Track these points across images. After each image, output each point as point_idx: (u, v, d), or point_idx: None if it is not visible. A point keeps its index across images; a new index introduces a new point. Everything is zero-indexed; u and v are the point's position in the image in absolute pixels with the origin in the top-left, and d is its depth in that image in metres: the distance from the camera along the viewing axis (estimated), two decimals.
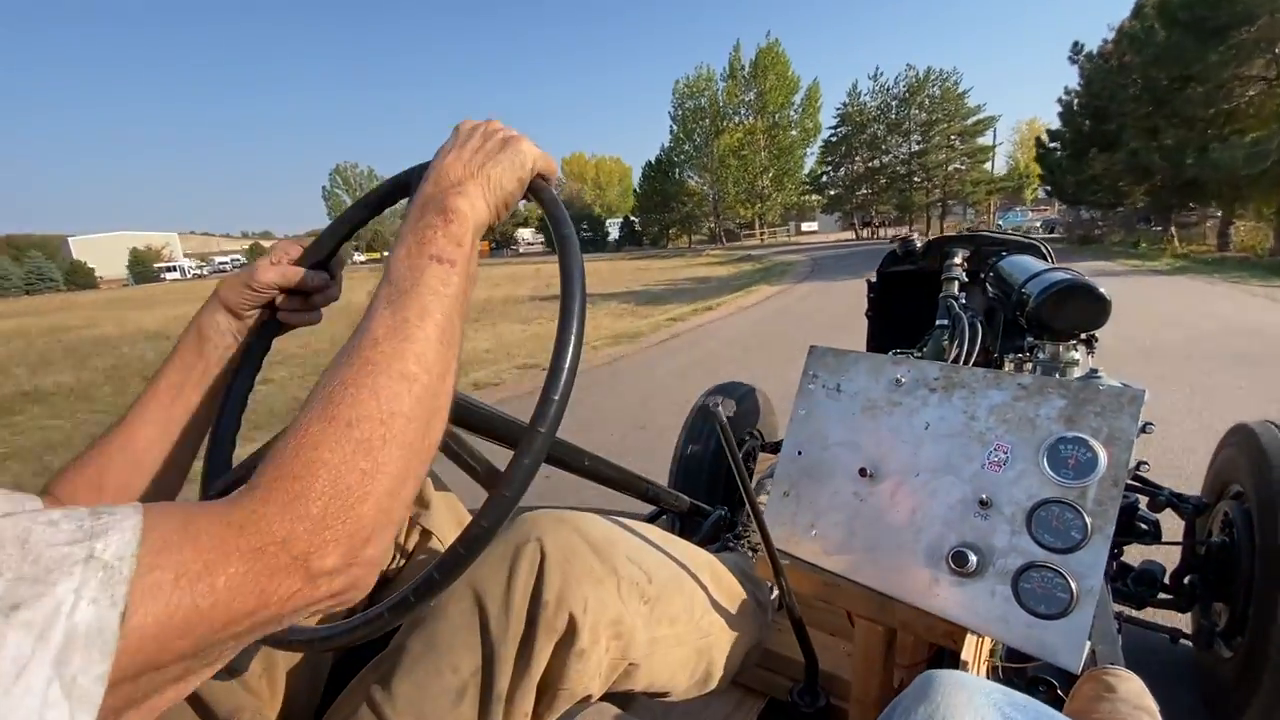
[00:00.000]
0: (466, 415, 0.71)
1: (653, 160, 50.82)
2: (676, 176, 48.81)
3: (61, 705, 0.24)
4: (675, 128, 47.31)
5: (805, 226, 56.27)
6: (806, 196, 47.59)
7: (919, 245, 1.60)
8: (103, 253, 73.52)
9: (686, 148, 47.45)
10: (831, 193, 44.73)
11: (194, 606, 0.28)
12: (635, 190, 52.67)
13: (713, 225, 49.40)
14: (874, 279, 1.75)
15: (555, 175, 0.55)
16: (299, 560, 0.32)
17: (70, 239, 77.92)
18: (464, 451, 0.69)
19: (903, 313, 1.72)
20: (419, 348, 0.41)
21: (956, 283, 1.44)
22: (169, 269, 71.84)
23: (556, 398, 0.45)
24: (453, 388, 0.43)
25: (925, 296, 1.57)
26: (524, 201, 0.55)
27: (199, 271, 72.18)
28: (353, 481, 0.34)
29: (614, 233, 61.75)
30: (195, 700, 0.56)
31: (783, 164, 45.77)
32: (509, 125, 0.52)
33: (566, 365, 0.46)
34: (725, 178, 45.50)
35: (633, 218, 55.23)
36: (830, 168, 44.25)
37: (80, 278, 59.99)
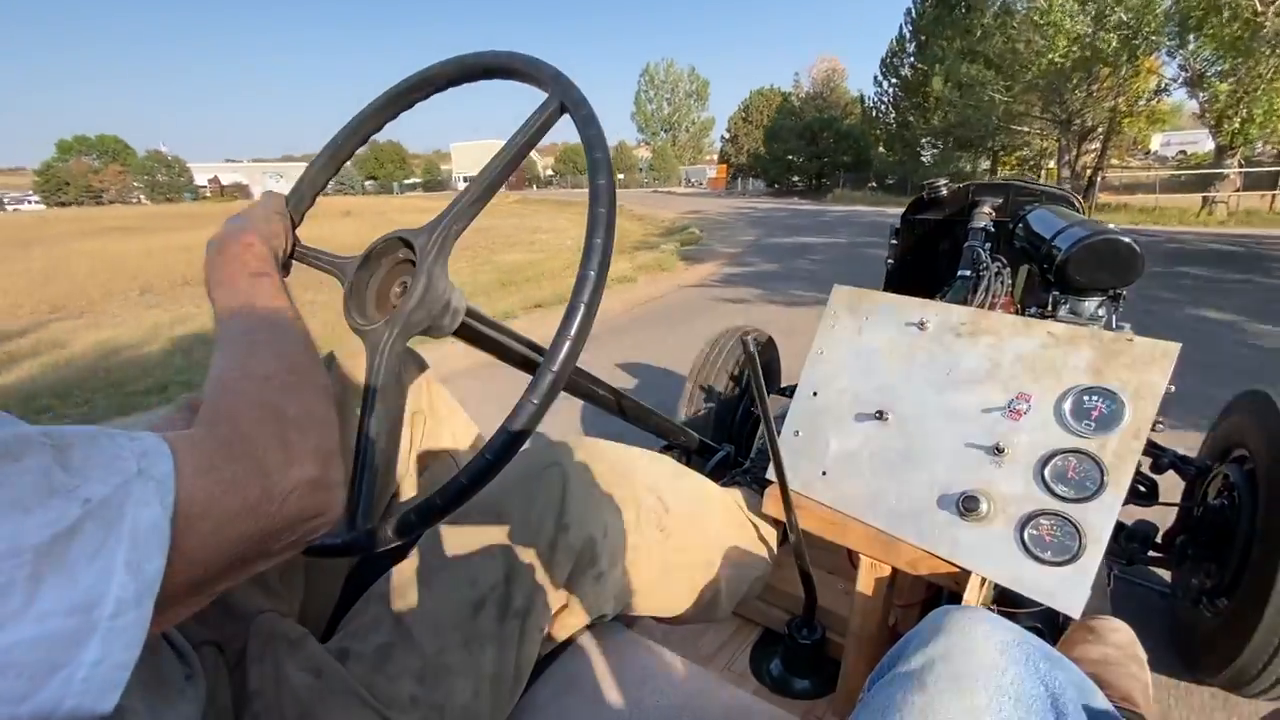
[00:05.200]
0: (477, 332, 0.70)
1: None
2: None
3: (129, 585, 0.28)
4: None
5: None
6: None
7: (946, 192, 1.55)
8: (471, 158, 72.35)
9: None
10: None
11: (225, 510, 0.34)
12: (865, 102, 26.88)
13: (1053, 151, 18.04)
14: (898, 224, 1.71)
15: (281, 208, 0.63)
16: (280, 469, 0.37)
17: (454, 145, 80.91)
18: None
19: (923, 261, 1.68)
20: (284, 328, 0.48)
21: (983, 232, 1.39)
22: (470, 178, 68.98)
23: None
24: (316, 353, 0.50)
25: (949, 246, 1.53)
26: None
27: None
28: (293, 415, 0.40)
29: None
30: (217, 601, 0.57)
31: None
32: None
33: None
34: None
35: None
36: None
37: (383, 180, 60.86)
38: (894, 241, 1.71)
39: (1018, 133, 18.26)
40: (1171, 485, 1.36)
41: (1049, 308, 1.15)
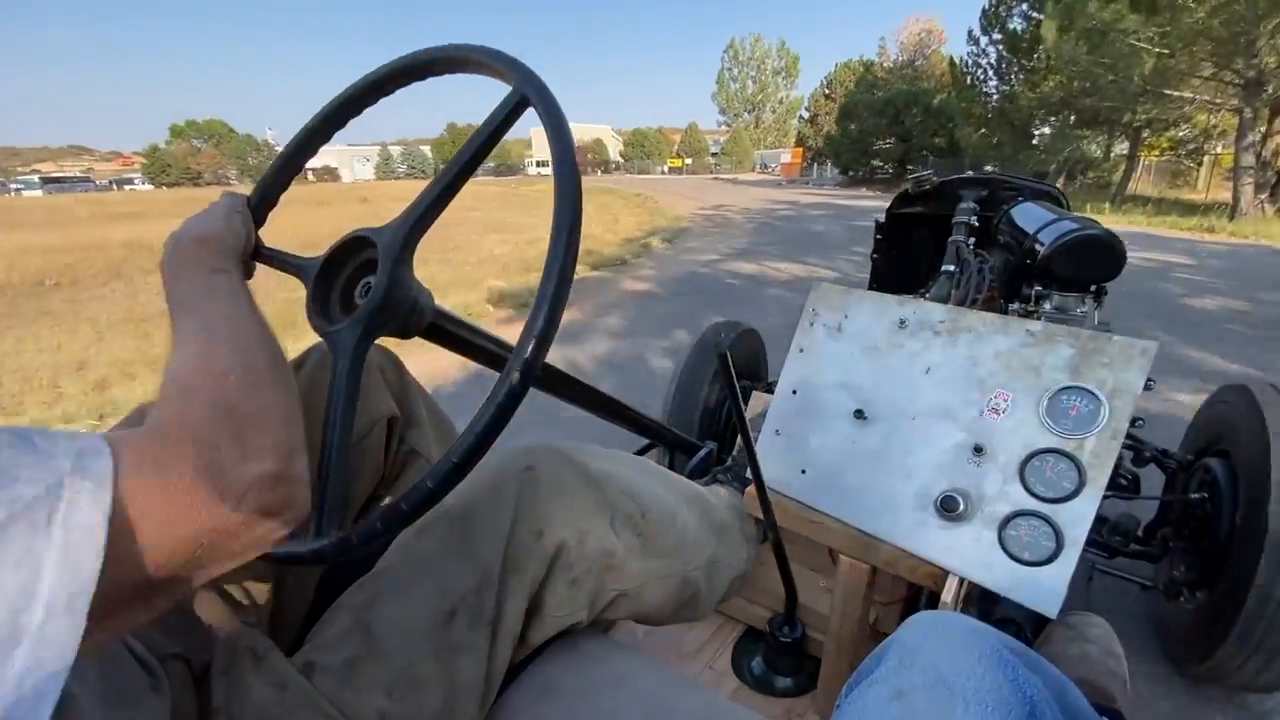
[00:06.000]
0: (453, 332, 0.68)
1: None
2: None
3: (60, 590, 0.27)
4: None
5: None
6: None
7: (930, 186, 1.54)
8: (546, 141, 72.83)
9: None
10: None
11: (174, 509, 0.33)
12: (959, 66, 18.97)
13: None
14: (881, 219, 1.70)
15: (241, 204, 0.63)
16: (235, 465, 0.36)
17: (533, 130, 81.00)
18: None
19: (908, 256, 1.67)
20: (244, 323, 0.47)
21: (966, 227, 1.39)
22: (542, 163, 65.81)
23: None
24: (280, 350, 0.48)
25: (933, 240, 1.53)
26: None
27: (545, 169, 64.36)
28: (250, 412, 0.39)
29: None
30: (183, 613, 0.56)
31: None
32: None
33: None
34: None
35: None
36: None
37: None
38: (879, 237, 1.70)
39: (1173, 102, 11.34)
40: (1153, 479, 1.37)
41: (1032, 303, 1.15)
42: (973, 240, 1.37)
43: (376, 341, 0.60)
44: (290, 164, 0.65)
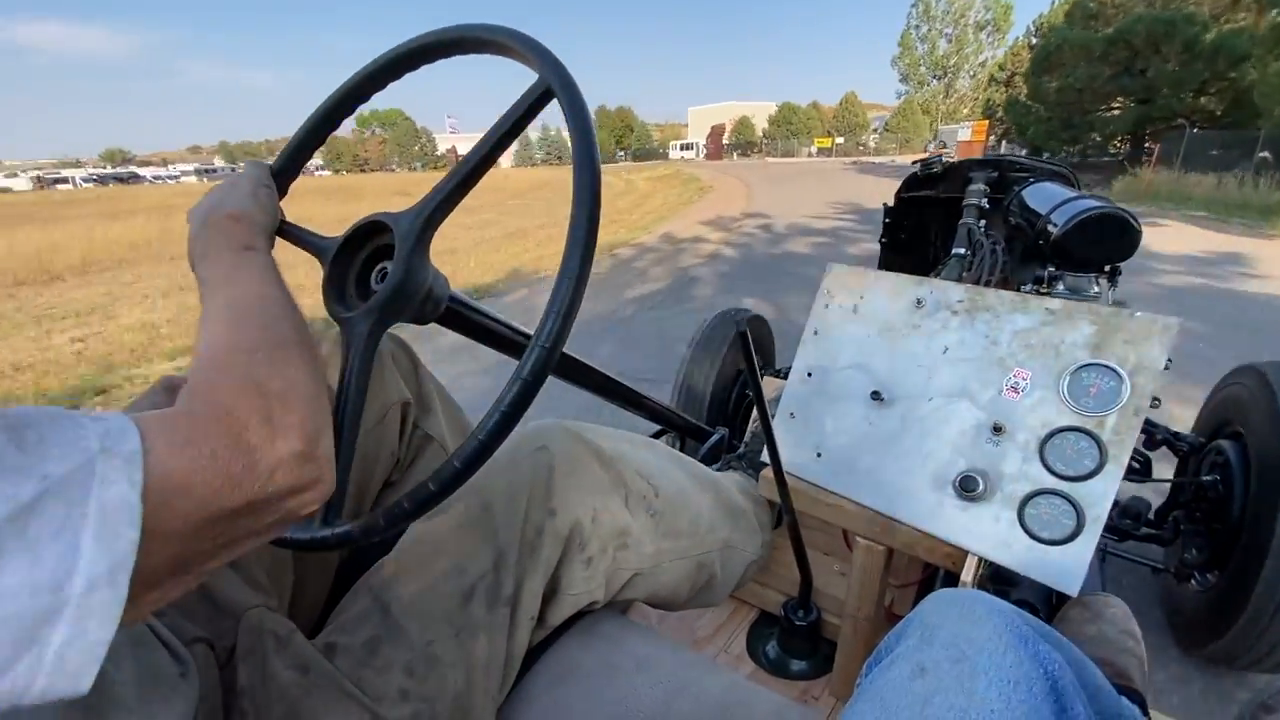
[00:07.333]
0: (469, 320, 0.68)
1: None
2: None
3: (100, 561, 0.27)
4: None
5: None
6: None
7: (942, 168, 1.52)
8: (704, 123, 68.82)
9: None
10: None
11: (207, 485, 0.33)
12: None
13: None
14: (891, 203, 1.68)
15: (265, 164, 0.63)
16: (264, 443, 0.36)
17: (690, 109, 78.48)
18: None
19: (917, 240, 1.66)
20: (273, 302, 0.47)
21: (977, 209, 1.38)
22: (687, 146, 60.91)
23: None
24: (306, 327, 0.49)
25: (942, 224, 1.51)
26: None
27: (690, 153, 57.21)
28: (278, 389, 0.39)
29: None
30: (206, 598, 0.56)
31: None
32: None
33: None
34: None
35: None
36: None
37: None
38: (887, 221, 1.69)
39: None
40: (1164, 461, 1.37)
41: (1045, 284, 1.14)
42: (983, 222, 1.36)
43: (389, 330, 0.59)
44: (314, 135, 0.63)
